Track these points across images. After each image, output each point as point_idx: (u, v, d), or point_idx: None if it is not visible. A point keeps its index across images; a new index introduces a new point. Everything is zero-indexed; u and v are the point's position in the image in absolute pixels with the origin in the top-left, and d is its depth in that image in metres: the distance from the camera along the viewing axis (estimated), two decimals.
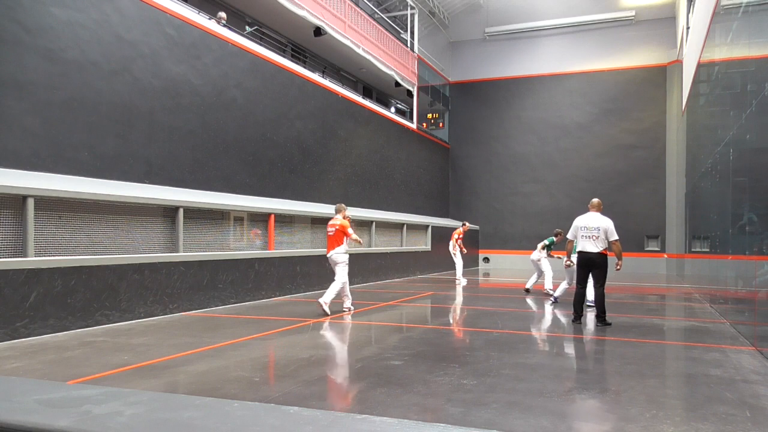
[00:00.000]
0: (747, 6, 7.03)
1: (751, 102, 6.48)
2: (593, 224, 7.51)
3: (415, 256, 16.92)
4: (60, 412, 0.92)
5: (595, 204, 7.83)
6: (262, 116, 11.21)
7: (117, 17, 8.00)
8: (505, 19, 22.40)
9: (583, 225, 7.59)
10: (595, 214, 7.66)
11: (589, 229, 7.51)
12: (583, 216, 7.73)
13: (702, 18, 12.12)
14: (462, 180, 23.20)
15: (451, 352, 6.19)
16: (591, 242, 7.49)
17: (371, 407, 3.79)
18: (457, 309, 9.51)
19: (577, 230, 7.66)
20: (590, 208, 7.84)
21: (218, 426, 0.87)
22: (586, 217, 7.67)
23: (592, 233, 7.49)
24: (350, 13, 15.65)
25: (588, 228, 7.52)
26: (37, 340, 5.97)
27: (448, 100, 23.30)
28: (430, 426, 0.84)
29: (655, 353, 6.12)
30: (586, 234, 7.53)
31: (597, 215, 7.64)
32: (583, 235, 7.57)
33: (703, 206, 12.26)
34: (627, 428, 3.51)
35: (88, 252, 6.91)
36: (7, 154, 6.56)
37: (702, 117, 12.82)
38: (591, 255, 7.48)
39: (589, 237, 7.51)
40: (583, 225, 7.58)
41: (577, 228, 7.64)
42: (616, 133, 20.91)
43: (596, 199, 7.98)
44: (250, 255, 9.67)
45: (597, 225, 7.49)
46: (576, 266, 7.86)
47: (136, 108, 8.28)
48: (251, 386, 4.39)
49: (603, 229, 7.48)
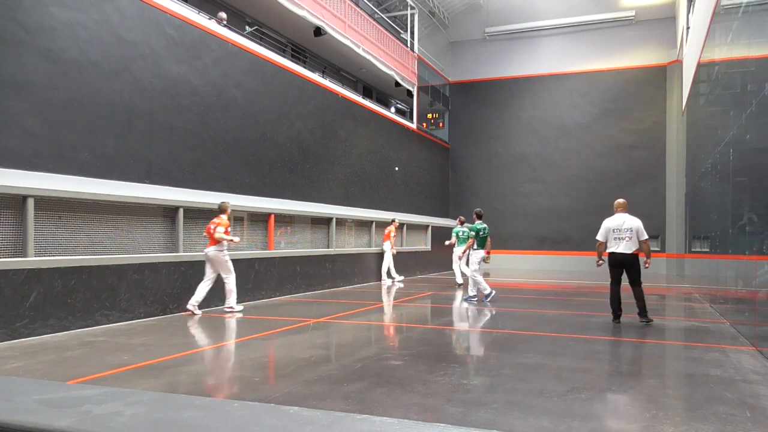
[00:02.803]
0: (747, 6, 7.03)
1: (751, 102, 6.48)
2: (625, 226, 7.51)
3: (415, 256, 16.92)
4: (60, 412, 0.92)
5: (622, 204, 7.78)
6: (262, 116, 11.21)
7: (117, 17, 7.99)
8: (505, 19, 22.40)
9: (614, 227, 7.55)
10: (624, 215, 7.63)
11: (621, 230, 7.50)
12: (613, 218, 7.67)
13: (702, 18, 12.12)
14: (462, 180, 23.20)
15: (451, 352, 6.19)
16: (624, 243, 7.49)
17: (371, 407, 3.79)
18: (457, 309, 9.51)
19: (608, 232, 7.59)
20: (618, 208, 7.74)
21: (218, 426, 0.87)
22: (616, 219, 7.61)
23: (625, 234, 7.48)
24: (350, 13, 15.65)
25: (620, 230, 7.51)
26: (37, 340, 5.97)
27: (448, 100, 23.30)
28: (430, 426, 0.84)
29: (655, 353, 6.12)
30: (618, 236, 7.51)
31: (626, 216, 7.62)
32: (615, 237, 7.54)
33: (703, 206, 12.27)
34: (627, 428, 3.51)
35: (88, 252, 6.91)
36: (7, 154, 6.56)
37: (702, 117, 12.82)
38: (624, 256, 7.48)
39: (621, 239, 7.50)
40: (615, 227, 7.54)
41: (609, 230, 7.59)
42: (616, 133, 20.91)
43: (622, 199, 7.93)
44: (250, 255, 9.67)
45: (629, 226, 7.50)
46: (609, 266, 7.76)
47: (136, 108, 8.28)
48: (251, 386, 4.39)
49: (635, 230, 7.49)
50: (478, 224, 10.12)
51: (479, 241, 10.08)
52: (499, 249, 22.56)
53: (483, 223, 10.24)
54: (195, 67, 9.43)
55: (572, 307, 9.75)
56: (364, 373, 4.76)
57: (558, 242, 21.62)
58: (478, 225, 10.10)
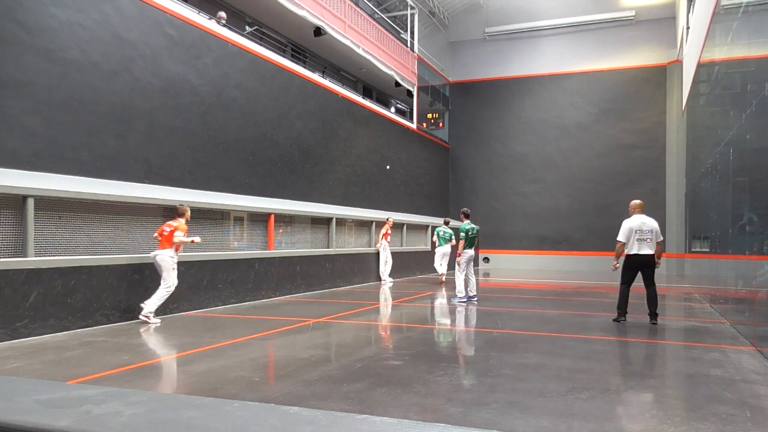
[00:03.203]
0: (747, 6, 7.03)
1: (751, 102, 6.48)
2: (647, 227, 7.55)
3: (415, 256, 16.92)
4: (60, 412, 0.92)
5: (640, 205, 7.80)
6: (262, 116, 11.21)
7: (117, 17, 7.99)
8: (505, 19, 22.40)
9: (637, 228, 7.57)
10: (643, 216, 7.67)
11: (643, 232, 7.53)
12: (634, 219, 7.65)
13: (702, 18, 12.12)
14: (462, 180, 23.20)
15: (451, 352, 6.19)
16: (646, 245, 7.52)
17: (371, 407, 3.79)
18: (456, 309, 9.51)
19: (631, 233, 7.60)
20: (637, 209, 7.75)
21: (218, 426, 0.87)
22: (637, 220, 7.61)
23: (647, 236, 7.52)
24: (350, 13, 15.65)
25: (642, 231, 7.53)
26: (37, 340, 5.97)
27: (448, 100, 23.30)
28: (430, 426, 0.84)
29: (655, 353, 6.12)
30: (641, 237, 7.53)
31: (645, 217, 7.66)
32: (638, 238, 7.55)
33: (703, 206, 12.27)
34: (627, 428, 3.51)
35: (88, 252, 6.91)
36: (7, 154, 6.56)
37: (702, 117, 12.82)
38: (647, 257, 7.52)
39: (644, 240, 7.52)
40: (638, 228, 7.56)
41: (632, 231, 7.58)
42: (616, 133, 20.92)
43: (638, 200, 7.96)
44: (250, 255, 9.67)
45: (651, 227, 7.56)
46: (626, 268, 7.76)
47: (136, 108, 8.28)
48: (251, 386, 4.39)
49: (655, 231, 7.56)
50: (466, 224, 10.00)
51: (468, 240, 10.00)
52: (499, 249, 22.57)
53: (471, 222, 10.14)
54: (195, 67, 9.43)
55: (572, 307, 9.75)
56: (364, 373, 4.76)
57: (558, 242, 21.62)
58: (466, 225, 10.00)
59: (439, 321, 8.51)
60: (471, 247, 10.02)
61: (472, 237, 9.98)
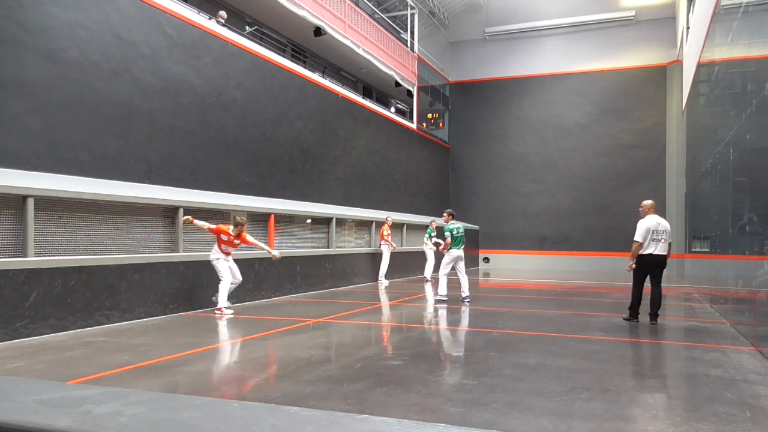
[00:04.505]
0: (747, 6, 7.03)
1: (751, 102, 6.48)
2: (661, 227, 7.59)
3: (415, 256, 16.91)
4: (60, 412, 0.92)
5: (654, 205, 7.83)
6: (262, 116, 11.21)
7: (117, 17, 7.99)
8: (505, 19, 22.40)
9: (653, 228, 7.60)
10: (656, 216, 7.71)
11: (659, 232, 7.57)
12: (649, 219, 7.66)
13: (702, 18, 12.12)
14: (462, 180, 23.20)
15: (451, 352, 6.19)
16: (662, 245, 7.57)
17: (371, 407, 3.79)
18: (456, 309, 9.50)
19: (648, 233, 7.62)
20: (650, 210, 7.76)
21: (218, 426, 0.87)
22: (653, 220, 7.63)
23: (662, 236, 7.56)
24: (350, 13, 15.65)
25: (657, 231, 7.57)
26: (37, 340, 5.97)
27: (448, 100, 23.30)
28: (430, 426, 0.84)
29: (655, 353, 6.12)
30: (656, 237, 7.57)
31: (659, 217, 7.71)
32: (654, 238, 7.58)
33: (703, 206, 12.27)
34: (627, 428, 3.51)
35: (88, 252, 6.91)
36: (7, 154, 6.56)
37: (702, 117, 12.82)
38: (660, 257, 7.56)
39: (659, 240, 7.56)
40: (654, 228, 7.59)
41: (649, 231, 7.61)
42: (616, 133, 20.91)
43: (650, 200, 7.99)
44: (250, 255, 9.67)
45: (665, 228, 7.61)
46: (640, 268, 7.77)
47: (136, 108, 8.28)
48: (251, 386, 4.39)
49: (668, 232, 7.63)
50: (451, 224, 10.13)
51: (455, 240, 10.10)
52: (499, 249, 22.57)
53: (456, 222, 10.24)
54: (195, 67, 9.43)
55: (572, 307, 9.75)
56: (364, 373, 4.76)
57: (558, 242, 21.62)
58: (450, 225, 10.12)
59: (439, 321, 8.51)
60: (457, 246, 10.11)
61: (458, 237, 10.07)
